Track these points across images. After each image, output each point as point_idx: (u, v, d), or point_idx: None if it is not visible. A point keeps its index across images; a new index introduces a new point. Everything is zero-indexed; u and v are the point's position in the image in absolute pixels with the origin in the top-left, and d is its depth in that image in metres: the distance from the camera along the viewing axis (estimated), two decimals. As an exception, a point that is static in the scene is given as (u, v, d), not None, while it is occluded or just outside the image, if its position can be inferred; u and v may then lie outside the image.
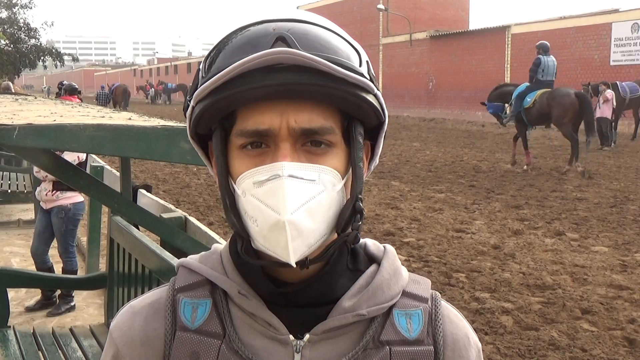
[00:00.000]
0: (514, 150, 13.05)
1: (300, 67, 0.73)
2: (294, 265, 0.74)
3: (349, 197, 0.80)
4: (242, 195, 0.77)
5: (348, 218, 0.78)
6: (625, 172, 12.51)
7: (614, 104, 16.96)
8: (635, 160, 14.43)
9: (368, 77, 0.78)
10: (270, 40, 0.74)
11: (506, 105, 13.00)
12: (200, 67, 0.80)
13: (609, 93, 16.86)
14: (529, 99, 12.29)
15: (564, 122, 11.82)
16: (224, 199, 0.79)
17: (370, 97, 0.78)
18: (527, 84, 12.64)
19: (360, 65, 0.78)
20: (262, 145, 0.77)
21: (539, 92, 12.17)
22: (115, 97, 33.85)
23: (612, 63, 23.22)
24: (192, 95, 0.79)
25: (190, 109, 0.81)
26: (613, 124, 17.06)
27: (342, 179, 0.79)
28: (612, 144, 16.99)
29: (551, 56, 12.56)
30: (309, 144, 0.77)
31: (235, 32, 0.79)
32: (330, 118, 0.78)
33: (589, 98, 12.40)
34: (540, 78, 12.43)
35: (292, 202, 0.73)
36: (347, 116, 0.80)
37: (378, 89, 0.80)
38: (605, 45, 23.46)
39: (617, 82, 18.24)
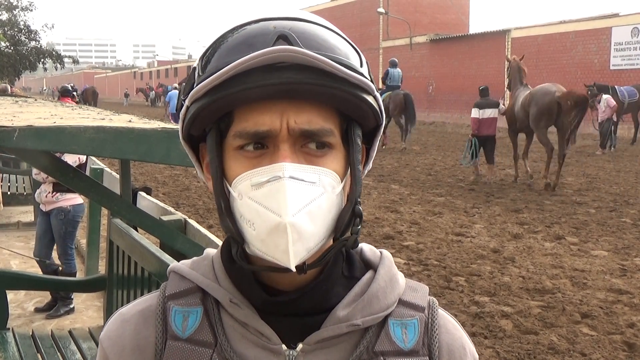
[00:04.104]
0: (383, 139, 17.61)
1: (301, 66, 0.71)
2: (294, 270, 0.72)
3: (346, 200, 0.78)
4: (238, 197, 0.74)
5: (347, 222, 0.76)
6: (625, 176, 12.51)
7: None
8: (634, 164, 14.43)
9: (369, 78, 0.77)
10: (272, 38, 0.72)
11: None
12: (196, 65, 0.77)
13: (603, 100, 16.83)
14: None
15: (395, 114, 16.74)
16: (218, 202, 0.76)
17: (370, 99, 0.77)
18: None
19: (361, 66, 0.76)
20: (260, 146, 0.75)
21: (386, 94, 16.96)
22: (86, 98, 37.44)
23: (612, 67, 23.21)
24: (187, 94, 0.76)
25: (184, 108, 0.77)
26: (613, 127, 17.03)
27: (341, 182, 0.77)
28: (612, 147, 17.00)
29: (397, 69, 17.85)
30: (308, 146, 0.75)
31: (233, 31, 0.76)
32: (329, 119, 0.76)
33: (412, 97, 16.84)
34: (388, 83, 17.49)
35: (294, 204, 0.70)
36: (346, 118, 0.78)
37: (377, 91, 0.79)
38: (605, 50, 23.46)
39: (616, 87, 18.24)
